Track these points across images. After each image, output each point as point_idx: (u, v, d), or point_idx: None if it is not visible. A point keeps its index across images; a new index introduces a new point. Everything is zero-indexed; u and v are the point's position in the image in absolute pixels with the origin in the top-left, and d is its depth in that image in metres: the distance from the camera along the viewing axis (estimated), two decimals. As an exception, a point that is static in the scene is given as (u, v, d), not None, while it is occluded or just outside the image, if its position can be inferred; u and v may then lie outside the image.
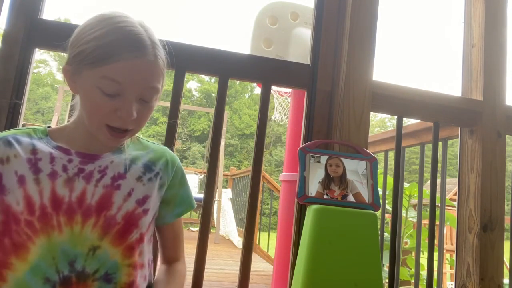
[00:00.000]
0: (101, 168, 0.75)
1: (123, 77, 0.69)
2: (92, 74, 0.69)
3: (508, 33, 1.40)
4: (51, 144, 0.75)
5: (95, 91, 0.69)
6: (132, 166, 0.78)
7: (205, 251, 1.10)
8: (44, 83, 21.87)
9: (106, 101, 0.70)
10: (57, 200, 0.70)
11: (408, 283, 2.53)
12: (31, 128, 0.78)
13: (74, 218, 0.70)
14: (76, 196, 0.71)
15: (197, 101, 24.13)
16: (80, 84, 0.72)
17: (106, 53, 0.68)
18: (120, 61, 0.68)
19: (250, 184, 1.16)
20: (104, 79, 0.68)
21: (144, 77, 0.71)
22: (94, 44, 0.69)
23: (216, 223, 5.35)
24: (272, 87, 1.23)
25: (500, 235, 1.27)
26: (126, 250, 0.74)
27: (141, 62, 0.70)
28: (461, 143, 1.37)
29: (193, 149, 20.64)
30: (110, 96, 0.69)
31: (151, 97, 0.74)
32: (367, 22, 1.22)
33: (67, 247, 0.69)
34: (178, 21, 34.19)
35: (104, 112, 0.71)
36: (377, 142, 2.05)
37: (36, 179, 0.70)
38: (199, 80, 24.08)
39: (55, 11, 25.45)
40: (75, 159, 0.74)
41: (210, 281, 2.88)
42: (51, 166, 0.72)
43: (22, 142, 0.73)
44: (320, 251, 0.95)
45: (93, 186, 0.73)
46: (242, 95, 24.76)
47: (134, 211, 0.75)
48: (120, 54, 0.68)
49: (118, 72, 0.68)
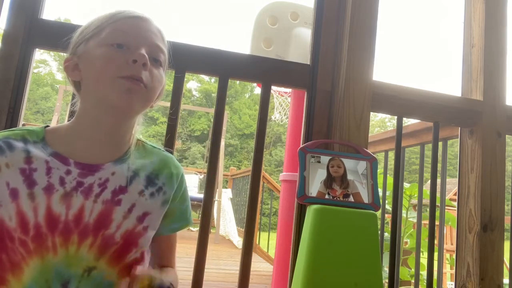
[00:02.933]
0: (101, 181, 0.70)
1: (128, 28, 0.71)
2: (98, 37, 0.71)
3: (508, 33, 1.40)
4: (47, 150, 0.69)
5: (104, 47, 0.69)
6: (135, 178, 0.74)
7: (205, 251, 1.10)
8: (44, 83, 21.87)
9: (116, 52, 0.69)
10: (52, 219, 0.65)
11: (408, 283, 2.53)
12: (26, 129, 0.71)
13: (70, 239, 0.65)
14: (73, 214, 0.66)
15: (197, 101, 24.13)
16: (86, 56, 0.71)
17: (110, 18, 0.72)
18: (124, 19, 0.72)
19: (250, 184, 1.16)
20: (111, 33, 0.70)
21: (147, 34, 0.73)
22: (98, 18, 0.73)
23: (216, 223, 5.35)
24: (272, 87, 1.23)
25: (500, 235, 1.27)
26: (123, 270, 0.69)
27: (143, 22, 0.74)
28: (461, 143, 1.37)
29: (193, 149, 20.64)
30: (119, 46, 0.69)
31: (158, 55, 0.74)
32: (367, 22, 1.22)
33: (61, 268, 0.65)
34: (179, 21, 34.20)
35: (116, 62, 0.68)
36: (377, 142, 2.05)
37: (31, 194, 0.64)
38: (199, 80, 24.08)
39: (55, 11, 25.48)
40: (74, 170, 0.68)
41: (210, 281, 2.87)
42: (47, 178, 0.66)
43: (15, 148, 0.67)
44: (320, 251, 0.95)
45: (92, 202, 0.68)
46: (242, 95, 24.76)
47: (134, 229, 0.71)
48: (123, 16, 0.72)
49: (123, 26, 0.71)
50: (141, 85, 0.69)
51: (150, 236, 0.75)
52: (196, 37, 33.67)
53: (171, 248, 0.85)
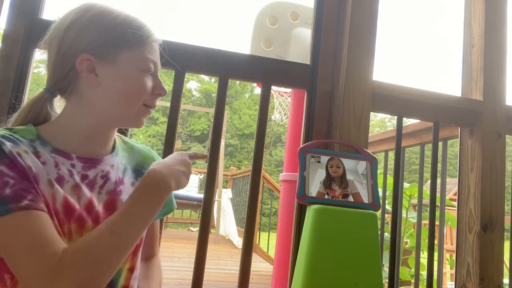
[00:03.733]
0: (103, 173, 0.73)
1: (155, 56, 0.75)
2: (133, 55, 0.71)
3: (508, 33, 1.40)
4: (47, 147, 0.68)
5: (138, 73, 0.72)
6: (126, 170, 0.79)
7: (205, 251, 1.10)
8: (44, 83, 21.81)
9: (148, 81, 0.73)
10: (69, 207, 0.66)
11: (408, 283, 2.53)
12: (18, 129, 0.68)
13: (85, 226, 0.67)
14: (84, 203, 0.69)
15: (197, 101, 24.13)
16: (114, 70, 0.70)
17: (141, 35, 0.72)
18: (150, 42, 0.74)
19: (250, 184, 1.16)
20: (146, 59, 0.72)
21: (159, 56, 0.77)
22: (127, 24, 0.71)
23: (216, 223, 5.35)
24: (272, 87, 1.23)
25: (500, 235, 1.27)
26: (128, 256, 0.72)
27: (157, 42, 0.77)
28: (461, 143, 1.37)
29: (193, 149, 20.62)
30: (151, 75, 0.74)
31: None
32: (367, 22, 1.22)
33: None
34: (178, 21, 34.21)
35: (146, 91, 0.73)
36: (377, 142, 2.05)
37: (49, 181, 0.65)
38: (199, 80, 24.08)
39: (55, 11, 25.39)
40: (78, 164, 0.70)
41: (210, 281, 2.87)
42: (56, 170, 0.67)
43: (22, 142, 0.65)
44: (320, 251, 0.95)
45: (97, 193, 0.71)
46: (242, 95, 24.76)
47: None
48: (149, 36, 0.74)
49: (152, 52, 0.74)
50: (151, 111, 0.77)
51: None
52: (196, 37, 33.69)
53: (155, 235, 0.92)
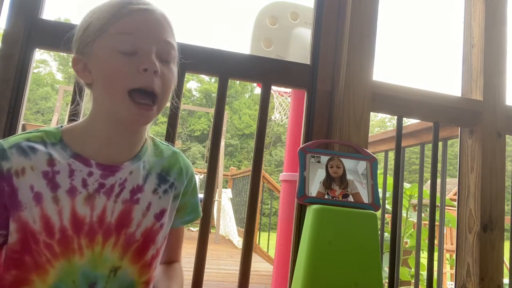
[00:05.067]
0: (121, 181, 0.70)
1: (136, 28, 0.66)
2: (105, 39, 0.66)
3: (508, 33, 1.39)
4: (67, 152, 0.68)
5: (112, 55, 0.65)
6: (148, 177, 0.74)
7: (205, 251, 1.10)
8: (44, 83, 21.87)
9: (125, 61, 0.65)
10: (78, 221, 0.65)
11: (408, 283, 2.53)
12: (43, 131, 0.69)
13: (95, 240, 0.66)
14: (96, 215, 0.67)
15: (197, 101, 24.13)
16: (94, 61, 0.67)
17: (114, 14, 0.66)
18: (129, 15, 0.66)
19: (250, 184, 1.16)
20: (117, 36, 0.65)
21: (156, 29, 0.68)
22: (100, 13, 0.67)
23: (216, 223, 5.35)
24: (272, 87, 1.23)
25: (500, 235, 1.27)
26: (143, 267, 0.71)
27: (150, 15, 0.68)
28: (461, 143, 1.37)
29: (193, 149, 20.63)
30: (128, 54, 0.65)
31: (169, 54, 0.69)
32: (367, 22, 1.22)
33: (88, 270, 0.66)
34: (178, 21, 34.21)
35: (125, 73, 0.64)
36: (377, 142, 2.05)
37: (55, 197, 0.64)
38: (199, 80, 24.08)
39: (55, 11, 25.47)
40: (96, 172, 0.68)
41: (210, 281, 2.87)
42: (69, 180, 0.66)
43: (37, 151, 0.66)
44: (320, 251, 0.95)
45: (113, 202, 0.69)
46: (242, 95, 24.76)
47: (153, 227, 0.72)
48: (128, 11, 0.66)
49: (130, 25, 0.66)
50: (152, 109, 0.67)
51: (166, 232, 0.77)
52: (196, 37, 33.68)
53: (178, 241, 0.86)
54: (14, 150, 0.64)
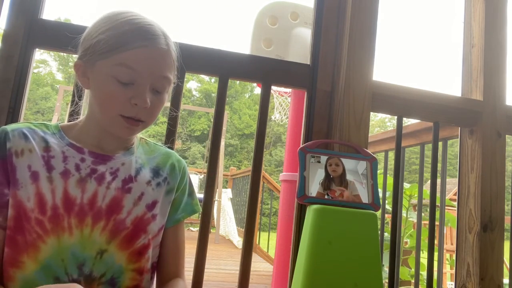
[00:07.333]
0: (112, 170, 0.75)
1: (137, 64, 0.69)
2: (106, 64, 0.69)
3: (508, 33, 1.39)
4: (64, 140, 0.74)
5: (110, 81, 0.69)
6: (141, 170, 0.79)
7: (205, 251, 1.10)
8: (44, 83, 21.86)
9: (121, 90, 0.69)
10: (69, 201, 0.69)
11: (408, 283, 2.53)
12: (43, 123, 0.77)
13: (84, 221, 0.70)
14: (87, 197, 0.71)
15: (197, 101, 24.13)
16: (94, 77, 0.72)
17: (120, 42, 0.69)
18: (134, 49, 0.69)
19: (250, 184, 1.16)
20: (119, 67, 0.69)
21: (157, 65, 0.71)
22: (108, 34, 0.70)
23: (216, 223, 5.35)
24: (272, 87, 1.23)
25: (500, 235, 1.27)
26: (132, 255, 0.74)
27: (154, 50, 0.71)
28: (461, 143, 1.37)
29: (193, 149, 20.63)
30: (124, 84, 0.69)
31: (164, 88, 0.74)
32: (367, 22, 1.22)
33: (77, 250, 0.69)
34: (178, 21, 34.18)
35: (119, 101, 0.70)
36: (377, 142, 2.05)
37: (49, 177, 0.69)
38: (199, 80, 24.08)
39: (55, 11, 25.47)
40: (88, 158, 0.74)
41: (210, 281, 2.87)
42: (64, 164, 0.71)
43: (36, 137, 0.72)
44: (320, 251, 0.95)
45: (105, 188, 0.73)
46: (242, 95, 24.76)
47: (143, 216, 0.75)
48: (134, 42, 0.69)
49: (132, 59, 0.69)
50: (140, 124, 0.73)
51: (159, 223, 0.79)
52: (196, 37, 33.67)
53: (178, 249, 0.84)
54: (16, 133, 0.71)
